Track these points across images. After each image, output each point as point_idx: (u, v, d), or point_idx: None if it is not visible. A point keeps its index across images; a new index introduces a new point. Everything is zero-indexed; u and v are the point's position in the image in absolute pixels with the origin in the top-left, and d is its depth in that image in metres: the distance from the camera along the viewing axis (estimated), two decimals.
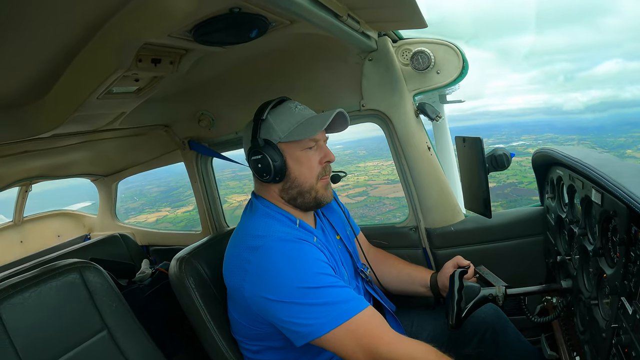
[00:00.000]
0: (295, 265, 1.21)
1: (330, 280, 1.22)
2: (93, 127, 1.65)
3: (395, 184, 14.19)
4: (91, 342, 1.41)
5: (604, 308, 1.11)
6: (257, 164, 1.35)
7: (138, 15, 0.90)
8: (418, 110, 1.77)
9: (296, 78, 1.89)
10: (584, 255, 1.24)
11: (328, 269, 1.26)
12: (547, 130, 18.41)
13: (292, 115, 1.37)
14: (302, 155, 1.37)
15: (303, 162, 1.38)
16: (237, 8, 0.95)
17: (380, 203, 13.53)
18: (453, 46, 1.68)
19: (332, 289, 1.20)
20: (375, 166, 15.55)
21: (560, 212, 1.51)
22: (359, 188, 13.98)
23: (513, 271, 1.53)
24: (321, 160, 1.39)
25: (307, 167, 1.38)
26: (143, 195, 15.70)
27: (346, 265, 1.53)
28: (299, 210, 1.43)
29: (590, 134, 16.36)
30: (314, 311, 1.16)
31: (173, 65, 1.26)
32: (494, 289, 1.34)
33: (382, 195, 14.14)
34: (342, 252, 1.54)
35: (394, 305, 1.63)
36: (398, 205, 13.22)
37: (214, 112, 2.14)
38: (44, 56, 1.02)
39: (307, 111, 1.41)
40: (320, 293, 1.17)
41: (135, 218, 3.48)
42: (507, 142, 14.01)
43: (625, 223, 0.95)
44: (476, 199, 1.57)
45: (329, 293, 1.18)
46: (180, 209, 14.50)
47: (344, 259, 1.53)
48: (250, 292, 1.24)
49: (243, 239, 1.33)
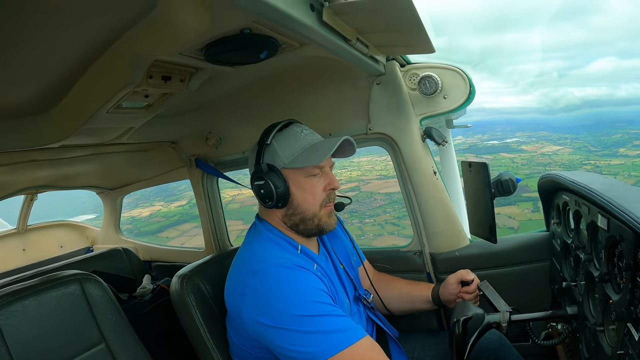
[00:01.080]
0: (292, 292, 1.20)
1: (327, 309, 1.20)
2: (101, 140, 1.67)
3: (388, 179, 14.15)
4: (88, 354, 1.39)
5: (609, 334, 1.08)
6: (259, 190, 1.35)
7: (151, 32, 0.92)
8: (425, 135, 1.78)
9: (304, 99, 1.91)
10: (590, 281, 1.22)
11: (326, 297, 1.24)
12: (543, 128, 18.32)
13: (296, 141, 1.36)
14: (306, 182, 1.37)
15: (307, 189, 1.37)
16: (247, 29, 0.96)
17: (371, 198, 13.45)
18: (460, 71, 1.70)
19: (328, 318, 1.17)
20: (369, 161, 15.50)
21: (566, 238, 1.48)
22: (352, 183, 13.95)
23: (518, 297, 1.50)
24: (325, 187, 1.38)
25: (311, 194, 1.37)
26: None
27: (349, 291, 1.51)
28: (302, 236, 1.42)
29: (584, 132, 16.27)
30: (310, 339, 1.14)
31: (183, 83, 1.27)
32: (498, 316, 1.31)
33: (374, 190, 14.07)
34: (344, 278, 1.52)
35: (397, 331, 1.61)
36: (389, 201, 13.10)
37: (222, 131, 2.15)
38: (56, 68, 1.04)
39: (313, 136, 1.40)
40: (316, 321, 1.15)
41: (129, 213, 3.49)
42: (501, 138, 14.01)
43: (631, 248, 0.94)
44: (482, 224, 1.56)
45: (325, 322, 1.16)
46: (174, 203, 14.50)
47: (346, 285, 1.51)
48: (247, 316, 1.23)
49: (244, 263, 1.33)
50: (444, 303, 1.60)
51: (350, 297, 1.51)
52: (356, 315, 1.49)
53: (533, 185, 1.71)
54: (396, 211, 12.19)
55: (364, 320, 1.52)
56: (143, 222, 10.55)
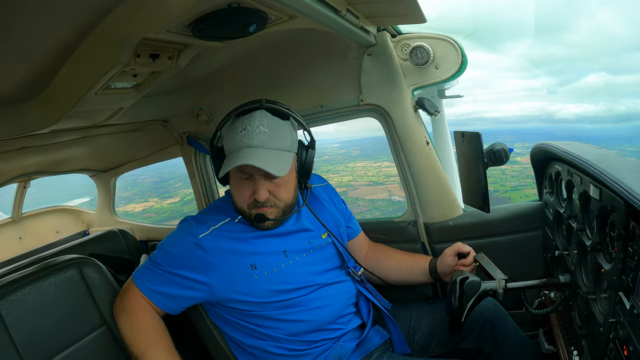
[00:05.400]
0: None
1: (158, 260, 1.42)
2: (91, 122, 1.64)
3: (376, 186, 14.25)
4: (91, 337, 1.42)
5: (601, 303, 1.11)
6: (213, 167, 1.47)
7: (136, 11, 0.90)
8: (417, 105, 1.77)
9: (295, 73, 1.88)
10: (582, 250, 1.25)
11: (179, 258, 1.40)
12: (545, 138, 18.29)
13: (233, 139, 1.35)
14: (235, 180, 1.41)
15: (236, 187, 1.42)
16: (235, 3, 0.94)
17: (355, 204, 13.60)
18: (452, 41, 1.68)
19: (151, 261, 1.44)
20: (363, 167, 15.56)
21: (559, 207, 1.51)
22: (341, 188, 14.02)
23: (511, 266, 1.54)
24: (251, 195, 1.38)
25: (239, 193, 1.41)
26: (136, 185, 15.70)
27: (329, 263, 1.55)
28: None
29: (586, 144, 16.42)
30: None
31: (171, 61, 1.25)
32: (494, 284, 1.35)
33: (360, 196, 14.22)
34: (326, 249, 1.55)
35: (389, 303, 1.64)
36: (370, 207, 13.30)
37: (213, 106, 2.13)
38: (41, 52, 1.01)
39: (249, 139, 1.32)
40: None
41: (123, 207, 3.48)
42: None
43: (623, 218, 0.96)
44: (474, 194, 1.58)
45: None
46: (167, 200, 14.54)
47: (322, 257, 1.53)
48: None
49: None
50: (440, 276, 1.63)
51: (336, 267, 1.56)
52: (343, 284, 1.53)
53: (516, 198, 1.74)
54: (376, 218, 12.33)
55: (354, 294, 1.55)
56: (134, 216, 10.70)
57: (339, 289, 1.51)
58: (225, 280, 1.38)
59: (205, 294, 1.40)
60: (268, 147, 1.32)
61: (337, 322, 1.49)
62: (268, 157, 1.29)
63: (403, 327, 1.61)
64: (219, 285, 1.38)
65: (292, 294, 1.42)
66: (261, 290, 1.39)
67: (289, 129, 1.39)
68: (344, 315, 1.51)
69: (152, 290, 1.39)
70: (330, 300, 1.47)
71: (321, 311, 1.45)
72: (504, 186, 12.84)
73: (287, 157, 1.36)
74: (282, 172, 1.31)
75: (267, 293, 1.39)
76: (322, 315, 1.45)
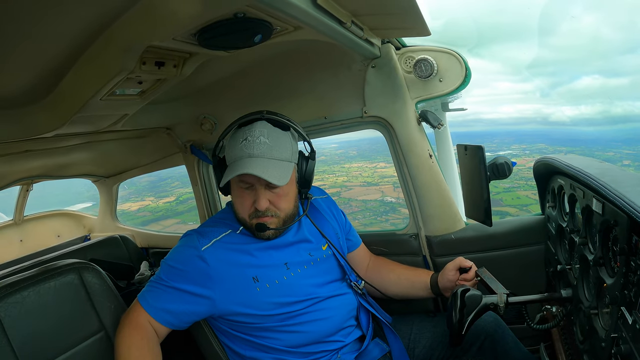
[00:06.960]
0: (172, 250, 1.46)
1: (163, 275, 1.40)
2: (95, 128, 1.65)
3: (370, 187, 14.21)
4: (88, 342, 1.41)
5: (603, 317, 1.10)
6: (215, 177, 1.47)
7: (143, 18, 0.91)
8: (420, 118, 1.77)
9: (299, 83, 1.89)
10: (584, 265, 1.24)
11: (180, 272, 1.39)
12: (541, 140, 18.15)
13: (234, 148, 1.36)
14: (236, 189, 1.42)
15: (237, 196, 1.42)
16: (241, 13, 0.95)
17: (347, 205, 13.53)
18: (456, 54, 1.69)
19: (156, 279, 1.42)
20: (358, 167, 15.51)
21: (561, 221, 1.50)
22: (335, 189, 13.94)
23: (513, 280, 1.53)
24: (252, 204, 1.38)
25: (239, 202, 1.42)
26: (133, 184, 15.72)
27: (330, 275, 1.54)
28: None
29: (581, 146, 16.25)
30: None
31: (177, 69, 1.26)
32: (495, 297, 1.33)
33: (353, 197, 14.15)
34: (327, 261, 1.55)
35: (390, 317, 1.63)
36: (362, 208, 13.20)
37: (217, 115, 2.14)
38: (48, 57, 1.02)
39: (250, 149, 1.33)
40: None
41: (119, 206, 3.50)
42: (496, 150, 14.05)
43: (625, 232, 0.95)
44: (477, 207, 1.57)
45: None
46: (163, 199, 14.56)
47: (323, 269, 1.53)
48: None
49: None
50: (441, 291, 1.61)
51: (337, 279, 1.55)
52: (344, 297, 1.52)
53: (507, 199, 1.73)
54: (366, 218, 12.18)
55: (355, 307, 1.54)
56: (130, 215, 10.64)
57: (340, 302, 1.50)
58: (227, 292, 1.37)
59: (208, 308, 1.39)
60: (269, 157, 1.33)
61: (337, 334, 1.47)
62: (268, 167, 1.31)
63: (403, 341, 1.59)
64: (221, 298, 1.37)
65: (294, 307, 1.41)
66: (263, 302, 1.39)
67: (289, 140, 1.41)
68: (344, 328, 1.50)
69: (156, 308, 1.37)
70: (331, 313, 1.46)
71: (322, 323, 1.44)
72: (496, 187, 12.83)
73: (288, 167, 1.37)
74: (282, 182, 1.32)
75: (269, 305, 1.39)
76: (322, 328, 1.44)
